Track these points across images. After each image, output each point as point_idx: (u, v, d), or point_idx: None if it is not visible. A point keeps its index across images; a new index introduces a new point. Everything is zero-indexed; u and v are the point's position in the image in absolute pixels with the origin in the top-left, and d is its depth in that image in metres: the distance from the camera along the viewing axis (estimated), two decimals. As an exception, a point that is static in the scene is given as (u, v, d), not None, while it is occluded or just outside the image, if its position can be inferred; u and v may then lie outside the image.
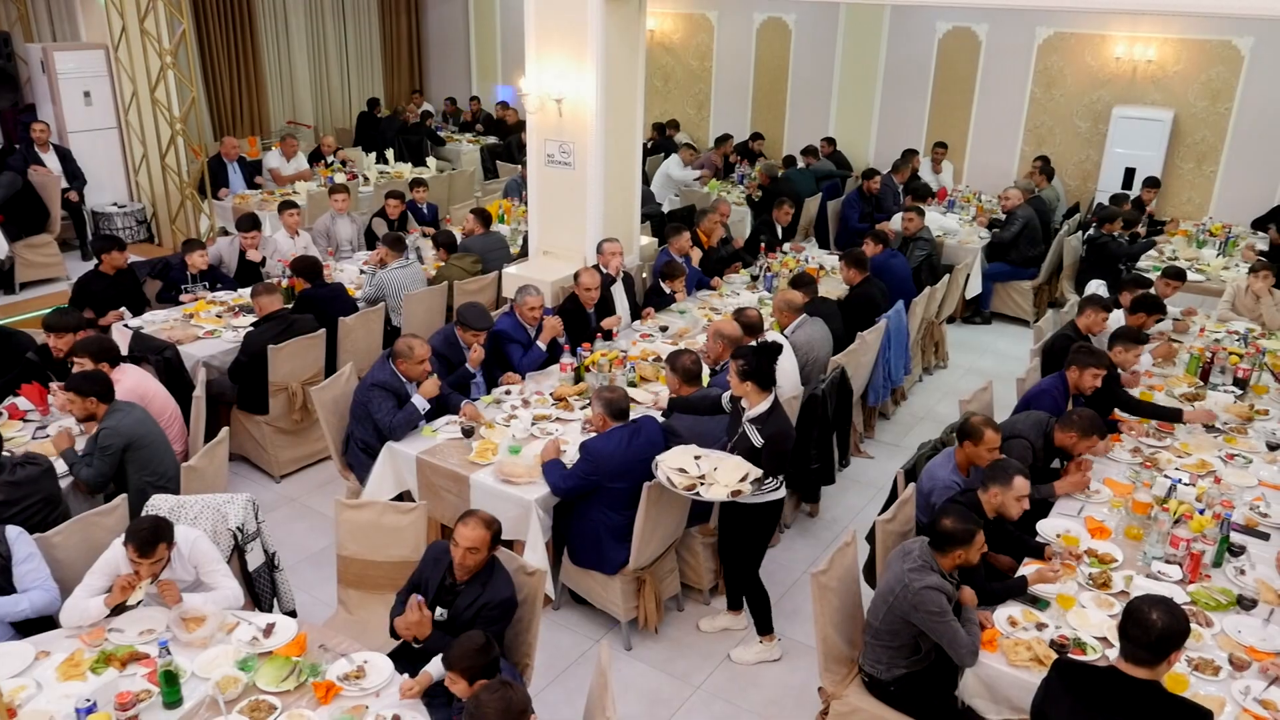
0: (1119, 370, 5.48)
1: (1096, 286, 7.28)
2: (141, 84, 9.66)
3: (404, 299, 6.89)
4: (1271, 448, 5.12)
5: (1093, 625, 3.71)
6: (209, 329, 6.47)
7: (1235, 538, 4.19)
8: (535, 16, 6.98)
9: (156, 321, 6.54)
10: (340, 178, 10.42)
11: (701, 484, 4.14)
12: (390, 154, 11.62)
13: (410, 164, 11.64)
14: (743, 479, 4.12)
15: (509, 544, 4.39)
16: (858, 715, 3.79)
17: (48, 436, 4.93)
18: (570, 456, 4.71)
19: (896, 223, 8.73)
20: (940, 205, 10.20)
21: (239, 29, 12.91)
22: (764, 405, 4.35)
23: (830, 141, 11.91)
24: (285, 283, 6.93)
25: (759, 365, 4.32)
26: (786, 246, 8.74)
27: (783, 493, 4.51)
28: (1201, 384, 5.99)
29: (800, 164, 11.32)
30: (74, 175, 9.42)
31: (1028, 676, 3.43)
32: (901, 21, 11.63)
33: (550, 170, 7.32)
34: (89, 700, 3.00)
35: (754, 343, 4.58)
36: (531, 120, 7.29)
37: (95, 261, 6.89)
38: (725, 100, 13.24)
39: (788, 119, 12.82)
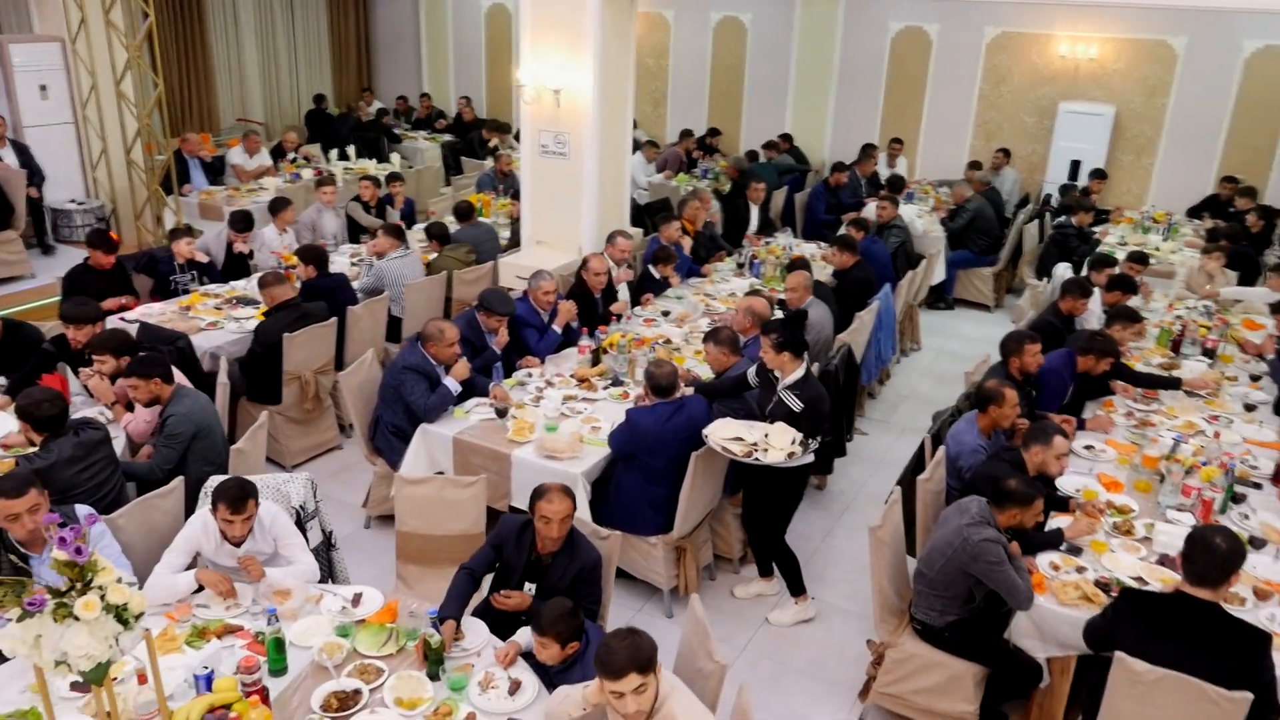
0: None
1: (1065, 270, 7.70)
2: (102, 77, 9.41)
3: (404, 289, 6.91)
4: (1249, 408, 5.56)
5: (1125, 567, 4.02)
6: (210, 320, 6.40)
7: (1236, 487, 4.56)
8: (531, 8, 7.08)
9: (153, 315, 6.43)
10: (307, 174, 10.34)
11: (757, 449, 4.33)
12: (351, 151, 11.52)
13: (373, 160, 11.56)
14: (793, 441, 4.32)
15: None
16: (913, 660, 4.02)
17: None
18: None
19: (870, 211, 9.06)
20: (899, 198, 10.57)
21: (189, 24, 12.66)
22: (799, 372, 4.59)
23: (787, 138, 12.22)
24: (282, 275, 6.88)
25: (792, 335, 4.57)
26: (764, 238, 8.98)
27: (811, 457, 4.72)
28: (1174, 355, 6.43)
29: (762, 158, 11.60)
30: (33, 171, 9.12)
31: (1077, 614, 3.71)
32: (855, 21, 12.02)
33: (544, 161, 7.42)
34: (207, 667, 3.03)
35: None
36: (526, 111, 7.38)
37: (84, 256, 6.75)
38: (682, 98, 13.45)
39: (744, 116, 13.10)
